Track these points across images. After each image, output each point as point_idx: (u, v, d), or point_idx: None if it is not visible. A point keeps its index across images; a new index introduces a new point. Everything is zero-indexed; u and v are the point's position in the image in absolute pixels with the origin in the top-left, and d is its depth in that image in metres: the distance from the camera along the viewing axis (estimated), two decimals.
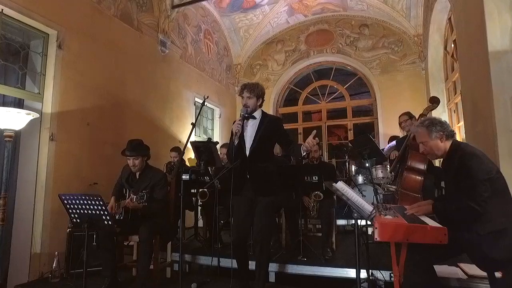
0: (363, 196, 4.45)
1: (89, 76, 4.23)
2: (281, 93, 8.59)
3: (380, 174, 5.31)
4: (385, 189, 4.38)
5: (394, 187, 3.87)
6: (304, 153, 2.54)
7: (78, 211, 2.51)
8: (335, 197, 4.05)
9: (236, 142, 2.67)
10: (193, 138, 6.49)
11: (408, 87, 7.18)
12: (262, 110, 2.83)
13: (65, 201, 2.51)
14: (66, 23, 3.93)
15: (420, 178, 3.72)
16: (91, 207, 2.47)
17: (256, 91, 2.74)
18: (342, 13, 7.73)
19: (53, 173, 3.66)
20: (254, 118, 2.75)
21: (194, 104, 6.70)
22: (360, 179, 6.00)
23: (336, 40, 7.91)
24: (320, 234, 4.31)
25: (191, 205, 4.61)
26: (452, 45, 5.75)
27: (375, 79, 7.55)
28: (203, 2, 7.10)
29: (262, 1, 7.22)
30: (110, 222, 2.50)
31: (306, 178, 3.40)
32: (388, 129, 7.01)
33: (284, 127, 2.86)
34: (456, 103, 5.68)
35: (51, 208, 3.57)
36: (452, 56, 5.87)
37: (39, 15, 3.62)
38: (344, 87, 8.01)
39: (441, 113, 5.89)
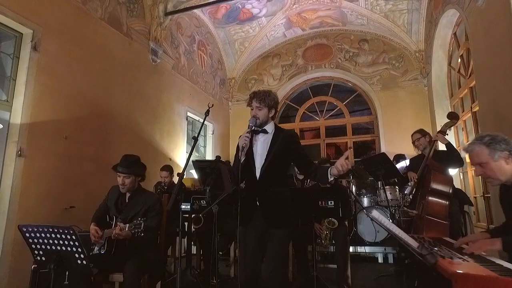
0: None
1: (69, 83, 3.71)
2: (278, 109, 8.18)
3: (388, 196, 4.91)
4: (404, 214, 3.96)
5: (415, 211, 3.45)
6: (332, 178, 2.06)
7: (43, 246, 1.99)
8: (346, 223, 3.61)
9: (242, 159, 2.20)
10: (185, 155, 5.96)
11: (410, 104, 6.92)
12: (275, 124, 2.39)
13: (27, 234, 1.99)
14: (44, 22, 3.44)
15: (445, 202, 3.31)
16: (61, 242, 1.95)
17: (267, 101, 2.31)
18: (341, 27, 7.50)
19: (19, 195, 3.07)
20: (266, 132, 2.30)
21: (187, 119, 6.22)
22: (365, 200, 5.59)
23: (335, 55, 7.64)
24: (330, 266, 3.81)
25: (183, 231, 4.04)
26: (459, 60, 5.52)
27: (375, 96, 7.26)
28: (198, 13, 6.77)
29: (259, 13, 6.92)
30: (84, 262, 1.96)
31: (320, 203, 2.92)
32: (390, 147, 6.65)
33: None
34: (465, 121, 5.39)
35: (13, 238, 2.95)
36: (459, 71, 5.63)
37: (11, 11, 3.13)
38: (344, 103, 7.69)
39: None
